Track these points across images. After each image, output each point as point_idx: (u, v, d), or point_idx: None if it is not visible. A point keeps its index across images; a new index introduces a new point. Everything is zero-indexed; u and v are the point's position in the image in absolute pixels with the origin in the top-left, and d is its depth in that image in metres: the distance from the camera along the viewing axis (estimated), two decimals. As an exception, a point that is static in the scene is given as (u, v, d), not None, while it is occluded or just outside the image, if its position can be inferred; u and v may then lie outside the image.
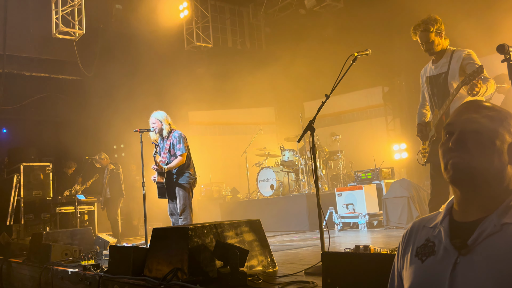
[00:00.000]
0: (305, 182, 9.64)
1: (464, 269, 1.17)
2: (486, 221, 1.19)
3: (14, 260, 6.57)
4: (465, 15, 8.69)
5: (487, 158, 1.23)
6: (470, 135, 1.26)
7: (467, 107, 1.33)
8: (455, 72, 3.93)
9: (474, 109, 1.31)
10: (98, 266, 4.80)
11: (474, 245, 1.17)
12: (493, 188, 1.24)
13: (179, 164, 5.95)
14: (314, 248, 5.69)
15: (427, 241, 1.30)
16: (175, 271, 3.60)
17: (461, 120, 1.30)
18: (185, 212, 5.91)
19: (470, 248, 1.18)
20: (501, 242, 1.15)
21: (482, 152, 1.24)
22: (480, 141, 1.25)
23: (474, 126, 1.27)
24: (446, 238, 1.24)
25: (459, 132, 1.28)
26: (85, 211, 9.59)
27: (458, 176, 1.26)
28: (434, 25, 4.00)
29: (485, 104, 1.32)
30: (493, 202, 1.23)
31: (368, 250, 3.32)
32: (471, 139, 1.25)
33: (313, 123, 3.83)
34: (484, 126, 1.26)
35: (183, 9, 12.28)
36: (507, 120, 1.28)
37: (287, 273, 3.79)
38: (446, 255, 1.22)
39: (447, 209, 1.33)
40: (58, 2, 10.01)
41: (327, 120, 13.32)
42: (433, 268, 1.23)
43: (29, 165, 9.29)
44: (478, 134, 1.25)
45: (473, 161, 1.24)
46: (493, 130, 1.26)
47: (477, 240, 1.18)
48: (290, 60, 12.00)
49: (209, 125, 13.91)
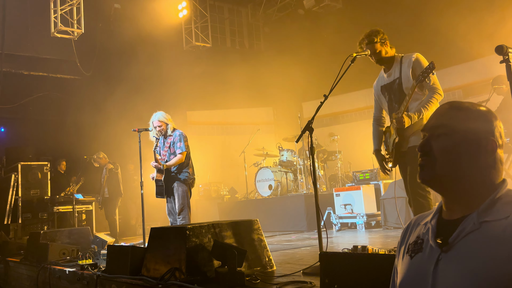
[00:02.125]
0: (303, 182, 9.64)
1: (444, 265, 1.22)
2: (467, 220, 1.24)
3: (11, 259, 6.56)
4: (464, 17, 8.71)
5: (452, 159, 1.27)
6: (435, 140, 1.31)
7: (437, 110, 1.37)
8: (407, 77, 3.97)
9: (443, 112, 1.34)
10: (95, 265, 4.79)
11: (454, 243, 1.22)
12: (469, 186, 1.27)
13: (178, 162, 5.95)
14: (312, 248, 5.69)
15: (417, 238, 1.35)
16: (173, 271, 3.59)
17: (430, 125, 1.34)
18: (183, 212, 5.91)
19: (451, 246, 1.22)
20: (478, 239, 1.19)
21: (446, 155, 1.28)
22: (445, 144, 1.29)
23: (440, 131, 1.30)
24: (432, 236, 1.29)
25: (427, 137, 1.33)
26: (83, 211, 9.57)
27: (425, 179, 1.32)
28: (377, 35, 4.05)
29: (457, 105, 1.34)
30: (475, 200, 1.26)
31: (366, 250, 3.32)
32: (436, 143, 1.30)
33: (311, 124, 3.83)
34: (450, 129, 1.29)
35: (182, 9, 12.28)
36: (479, 118, 1.30)
37: (285, 273, 3.79)
38: (431, 252, 1.26)
39: (438, 208, 1.37)
40: (57, 1, 10.00)
41: (326, 121, 13.33)
42: (419, 264, 1.28)
43: (27, 164, 9.27)
44: (443, 137, 1.29)
45: (437, 165, 1.29)
46: (460, 131, 1.28)
47: (457, 238, 1.22)
48: (289, 60, 12.01)
49: (207, 125, 13.91)
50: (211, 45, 12.82)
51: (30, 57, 10.91)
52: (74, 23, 10.15)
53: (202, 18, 12.79)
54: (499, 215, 1.20)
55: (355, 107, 12.99)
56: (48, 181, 9.47)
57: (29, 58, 10.91)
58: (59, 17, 9.96)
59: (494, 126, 1.30)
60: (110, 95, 10.59)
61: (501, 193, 1.25)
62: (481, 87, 9.77)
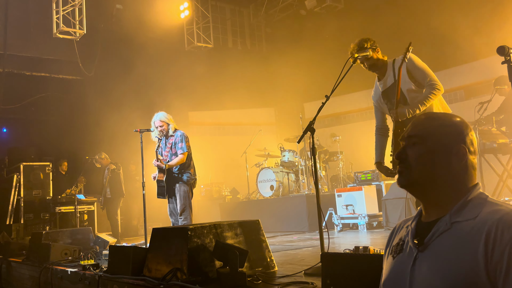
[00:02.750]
0: (305, 182, 9.64)
1: (420, 264, 1.32)
2: (441, 221, 1.34)
3: (13, 259, 6.57)
4: (465, 17, 8.70)
5: (426, 166, 1.38)
6: (410, 148, 1.42)
7: (414, 121, 1.48)
8: (404, 76, 3.94)
9: (418, 122, 1.46)
10: (97, 266, 4.80)
11: (428, 243, 1.33)
12: (442, 191, 1.38)
13: (179, 162, 5.96)
14: (314, 248, 5.69)
15: (400, 240, 1.46)
16: (174, 271, 3.60)
17: (406, 134, 1.46)
18: (185, 212, 5.91)
19: (426, 246, 1.33)
20: (449, 238, 1.29)
21: (420, 162, 1.39)
22: (418, 152, 1.40)
23: (415, 139, 1.42)
24: (411, 237, 1.40)
25: (403, 146, 1.45)
26: (84, 211, 9.58)
27: (403, 184, 1.43)
28: (367, 41, 4.04)
29: (432, 116, 1.48)
30: (448, 203, 1.36)
31: (367, 251, 3.32)
32: (411, 151, 1.41)
33: (313, 124, 3.83)
34: (423, 138, 1.40)
35: (183, 10, 12.30)
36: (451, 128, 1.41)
37: (286, 274, 3.80)
38: (410, 252, 1.37)
39: (418, 211, 1.47)
40: (59, 2, 10.02)
41: (327, 121, 13.33)
42: (400, 264, 1.39)
43: (29, 165, 9.29)
44: (417, 146, 1.41)
45: (412, 170, 1.40)
46: (433, 139, 1.39)
47: (431, 238, 1.33)
48: (290, 60, 12.00)
49: (209, 125, 13.91)
50: (213, 45, 12.83)
51: (32, 58, 10.93)
52: (76, 24, 10.17)
53: (204, 18, 12.80)
54: (469, 216, 1.30)
55: (357, 108, 12.98)
56: (50, 182, 9.48)
57: (31, 59, 10.93)
58: (61, 18, 9.98)
59: (465, 134, 1.40)
60: (112, 96, 10.61)
61: (472, 195, 1.35)
62: (483, 88, 9.76)
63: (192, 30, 12.67)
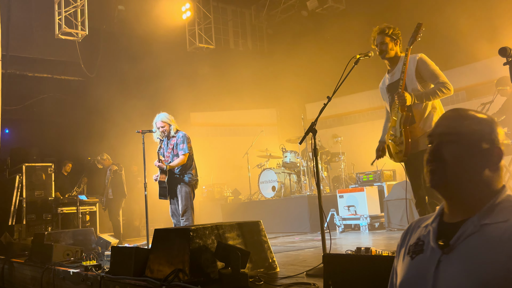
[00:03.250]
0: (306, 183, 9.64)
1: (445, 266, 1.26)
2: (468, 222, 1.29)
3: (15, 260, 6.58)
4: (467, 18, 8.70)
5: (461, 166, 1.33)
6: (445, 146, 1.36)
7: (445, 117, 1.43)
8: (411, 78, 3.95)
9: (452, 119, 1.40)
10: (99, 266, 4.80)
11: (455, 245, 1.27)
12: (473, 192, 1.33)
13: (180, 163, 5.96)
14: (316, 249, 5.69)
15: (418, 240, 1.40)
16: (176, 272, 3.60)
17: (438, 132, 1.40)
18: (186, 213, 5.92)
19: (452, 248, 1.27)
20: (478, 241, 1.24)
21: (456, 161, 1.34)
22: (455, 151, 1.34)
23: (449, 138, 1.36)
24: (433, 238, 1.34)
25: (436, 144, 1.39)
26: (86, 212, 9.60)
27: (435, 183, 1.37)
28: (390, 29, 4.08)
29: (464, 113, 1.40)
30: (476, 205, 1.32)
31: (369, 252, 3.32)
32: (447, 150, 1.35)
33: (315, 125, 3.83)
34: (458, 136, 1.35)
35: (185, 11, 12.32)
36: (485, 127, 1.36)
37: (288, 275, 3.80)
38: (432, 253, 1.32)
39: (439, 211, 1.42)
40: (61, 3, 10.04)
41: (329, 122, 13.32)
42: (420, 265, 1.33)
43: (31, 166, 9.31)
44: (452, 144, 1.35)
45: (448, 169, 1.34)
46: (469, 139, 1.35)
47: (458, 240, 1.27)
48: (292, 61, 12.01)
49: (211, 126, 13.92)
50: (214, 46, 12.85)
51: (35, 59, 10.96)
52: (78, 25, 10.19)
53: (206, 19, 12.82)
54: (499, 219, 1.26)
55: (359, 109, 12.98)
56: (52, 182, 9.50)
57: (34, 60, 10.96)
58: (63, 19, 10.00)
59: (497, 133, 1.37)
60: (114, 97, 10.62)
61: (501, 198, 1.32)
62: (484, 89, 9.75)
63: (194, 31, 12.68)
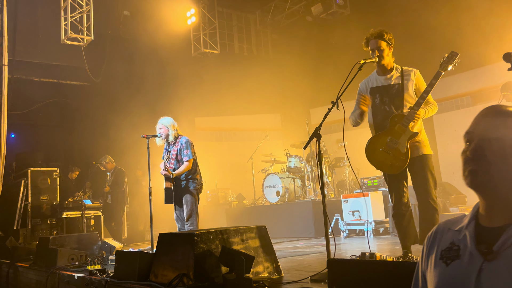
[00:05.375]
0: (311, 188, 9.63)
1: (489, 275, 1.16)
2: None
3: (20, 264, 6.60)
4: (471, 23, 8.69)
5: (505, 165, 1.22)
6: (488, 143, 1.25)
7: (485, 114, 1.32)
8: (409, 88, 4.14)
9: (493, 116, 1.30)
10: (104, 271, 4.81)
11: (500, 251, 1.17)
12: None
13: (186, 170, 5.99)
14: (320, 255, 5.67)
15: (452, 244, 1.30)
16: (180, 277, 3.60)
17: (480, 128, 1.29)
18: (191, 218, 5.93)
19: (496, 254, 1.17)
20: None
21: (502, 160, 1.23)
22: (500, 148, 1.24)
23: (493, 134, 1.26)
24: (472, 243, 1.24)
25: (477, 141, 1.28)
26: (91, 216, 9.61)
27: (477, 183, 1.26)
28: (387, 34, 4.16)
29: (505, 110, 1.30)
30: None
31: (374, 257, 3.31)
32: (490, 148, 1.25)
33: (319, 130, 3.84)
34: (503, 133, 1.25)
35: (190, 16, 12.37)
36: None
37: (292, 280, 3.79)
38: (472, 260, 1.21)
39: (473, 213, 1.32)
40: (67, 9, 10.11)
41: (334, 127, 13.31)
42: (458, 272, 1.23)
43: (37, 170, 9.34)
44: (497, 142, 1.25)
45: (492, 169, 1.23)
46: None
47: (503, 246, 1.17)
48: (297, 66, 12.02)
49: (215, 131, 13.94)
50: (219, 51, 12.88)
51: (41, 64, 11.03)
52: (84, 30, 10.25)
53: (211, 25, 12.86)
54: None
55: (363, 114, 12.93)
56: (58, 187, 9.53)
57: (40, 65, 11.03)
58: (69, 24, 10.06)
59: None
60: (119, 102, 10.67)
61: None
62: (489, 94, 9.73)
63: (198, 37, 12.73)
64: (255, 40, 15.00)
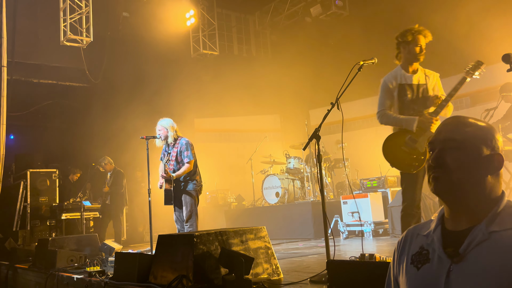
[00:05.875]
0: (310, 189, 9.63)
1: (457, 276, 1.24)
2: (476, 230, 1.27)
3: (20, 266, 6.59)
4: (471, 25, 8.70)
5: (465, 172, 1.32)
6: (448, 153, 1.35)
7: (446, 125, 1.42)
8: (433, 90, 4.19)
9: (453, 127, 1.39)
10: (103, 272, 4.81)
11: (465, 253, 1.25)
12: (477, 198, 1.33)
13: (186, 172, 5.99)
14: (319, 256, 5.67)
15: (421, 249, 1.37)
16: (180, 278, 3.60)
17: (440, 139, 1.38)
18: (190, 219, 5.93)
19: (462, 256, 1.25)
20: (489, 249, 1.23)
21: (460, 167, 1.33)
22: (458, 157, 1.33)
23: (452, 144, 1.35)
24: (439, 247, 1.32)
25: (438, 150, 1.37)
26: (90, 218, 9.61)
27: (439, 189, 1.35)
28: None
29: (465, 121, 1.39)
30: (481, 212, 1.31)
31: (373, 258, 3.31)
32: (449, 156, 1.34)
33: (318, 131, 3.84)
34: (461, 143, 1.34)
35: (189, 17, 12.37)
36: (486, 134, 1.36)
37: (292, 281, 3.79)
38: (440, 263, 1.29)
39: (438, 218, 1.40)
40: (66, 10, 10.11)
41: (333, 128, 13.32)
42: (428, 275, 1.30)
43: (36, 171, 9.34)
44: (455, 151, 1.34)
45: (452, 176, 1.33)
46: (471, 145, 1.34)
47: (467, 248, 1.25)
48: (296, 67, 12.03)
49: (214, 132, 13.95)
50: (218, 53, 12.89)
51: (40, 65, 11.02)
52: (83, 32, 10.25)
53: (210, 26, 12.87)
54: (506, 225, 1.26)
55: (362, 115, 12.96)
56: (57, 188, 9.53)
57: (39, 66, 11.03)
58: (68, 26, 10.06)
59: (497, 140, 1.37)
60: (118, 103, 10.66)
61: (503, 204, 1.32)
62: (488, 95, 9.74)
63: (198, 38, 12.74)
64: (254, 41, 15.01)
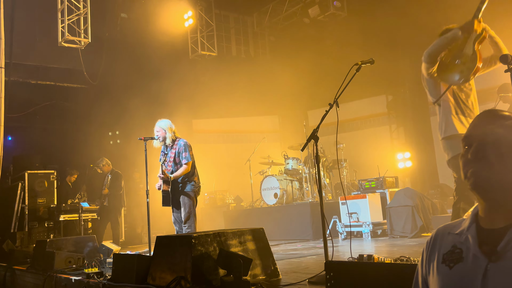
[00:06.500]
0: (308, 190, 9.63)
1: (495, 275, 1.18)
2: None
3: (17, 267, 6.58)
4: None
5: (507, 167, 1.25)
6: (488, 146, 1.28)
7: (483, 119, 1.36)
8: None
9: (490, 120, 1.33)
10: (101, 274, 4.80)
11: (504, 252, 1.19)
12: None
13: (184, 173, 5.98)
14: (318, 257, 5.67)
15: (453, 247, 1.31)
16: (178, 280, 3.60)
17: (478, 133, 1.32)
18: (189, 220, 5.92)
19: (500, 255, 1.19)
20: None
21: (501, 162, 1.25)
22: (499, 151, 1.26)
23: (491, 138, 1.28)
24: (475, 245, 1.26)
25: (477, 144, 1.30)
26: (88, 219, 9.59)
27: (479, 185, 1.28)
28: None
29: (501, 114, 1.34)
30: None
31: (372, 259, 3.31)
32: (490, 150, 1.28)
33: (317, 132, 3.84)
34: (502, 136, 1.28)
35: (187, 18, 12.37)
36: None
37: (290, 282, 3.79)
38: (476, 262, 1.23)
39: (473, 216, 1.34)
40: (64, 11, 10.10)
41: (331, 129, 13.33)
42: (463, 274, 1.24)
43: (34, 173, 9.33)
44: (496, 144, 1.27)
45: (492, 170, 1.26)
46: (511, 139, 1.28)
47: (507, 247, 1.19)
48: (294, 68, 12.04)
49: (213, 133, 13.94)
50: (216, 54, 12.89)
51: (38, 67, 11.01)
52: (81, 33, 10.24)
53: (208, 27, 12.87)
54: None
55: (361, 115, 12.99)
56: (55, 190, 9.51)
57: (37, 68, 11.01)
58: (66, 27, 10.04)
59: None
60: (116, 104, 10.65)
61: None
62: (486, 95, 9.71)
63: (196, 39, 12.73)
64: (252, 42, 15.01)
